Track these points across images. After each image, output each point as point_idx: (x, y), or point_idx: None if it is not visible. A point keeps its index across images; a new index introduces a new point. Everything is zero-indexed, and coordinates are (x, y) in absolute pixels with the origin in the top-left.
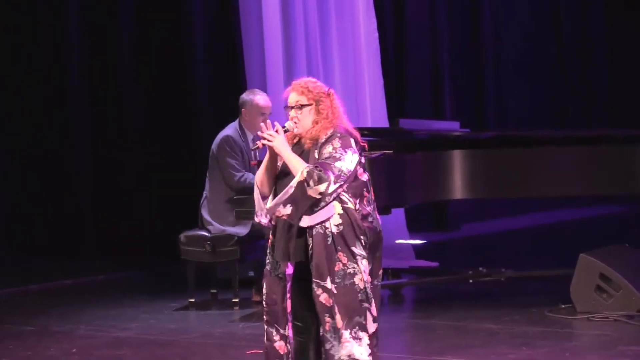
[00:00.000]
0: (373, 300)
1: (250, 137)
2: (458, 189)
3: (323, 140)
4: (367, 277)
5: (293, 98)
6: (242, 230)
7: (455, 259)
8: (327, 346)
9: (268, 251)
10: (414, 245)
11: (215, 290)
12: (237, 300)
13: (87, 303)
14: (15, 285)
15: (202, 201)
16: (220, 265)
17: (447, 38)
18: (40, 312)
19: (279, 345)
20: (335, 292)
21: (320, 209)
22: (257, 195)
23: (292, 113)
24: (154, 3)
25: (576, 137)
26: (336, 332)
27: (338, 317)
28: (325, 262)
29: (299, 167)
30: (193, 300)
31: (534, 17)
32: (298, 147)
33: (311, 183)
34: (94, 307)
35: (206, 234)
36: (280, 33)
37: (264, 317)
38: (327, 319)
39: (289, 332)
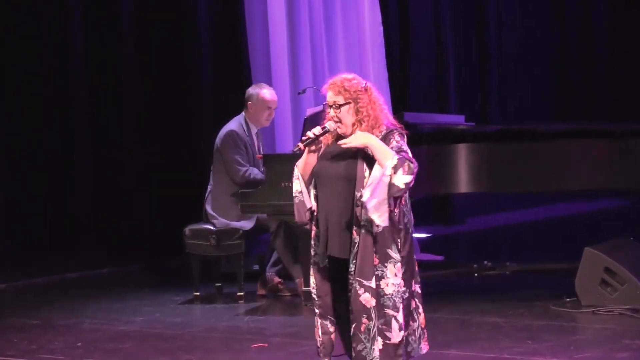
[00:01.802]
0: (402, 307)
1: (254, 131)
2: (463, 182)
3: (380, 139)
4: (398, 281)
5: (331, 97)
6: (246, 224)
7: (460, 252)
8: (359, 347)
9: (313, 242)
10: (419, 239)
11: (220, 284)
12: (242, 294)
13: (91, 297)
14: (19, 279)
15: (206, 195)
16: (225, 259)
17: (451, 32)
18: (44, 305)
19: (335, 336)
20: (376, 292)
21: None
22: (304, 189)
23: (332, 112)
24: (156, 1)
25: (580, 131)
26: (371, 333)
27: (376, 319)
28: (369, 261)
29: (389, 155)
30: (198, 293)
31: (537, 11)
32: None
33: (399, 172)
34: (98, 301)
35: (211, 227)
36: (285, 27)
37: (316, 310)
38: (365, 319)
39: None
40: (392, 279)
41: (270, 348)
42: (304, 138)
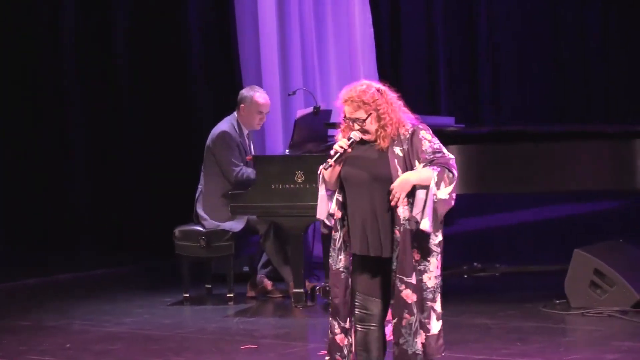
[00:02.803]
0: (439, 297)
1: (245, 132)
2: None
3: (408, 137)
4: (438, 273)
5: (351, 114)
6: (236, 225)
7: (450, 253)
8: (401, 341)
9: (332, 246)
10: None
11: (209, 285)
12: (231, 295)
13: (81, 298)
14: (10, 280)
15: (197, 196)
16: (214, 260)
17: (443, 33)
18: (34, 306)
19: (340, 337)
20: (417, 287)
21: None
22: (323, 192)
23: (356, 126)
24: (150, 3)
25: (571, 133)
26: (413, 328)
27: (417, 313)
28: (410, 258)
29: (429, 175)
30: (187, 295)
31: (530, 11)
32: (372, 149)
33: (442, 186)
34: (88, 302)
35: (201, 228)
36: (275, 28)
37: (330, 310)
38: (406, 315)
39: (349, 324)
40: (435, 272)
41: (260, 350)
42: (332, 153)
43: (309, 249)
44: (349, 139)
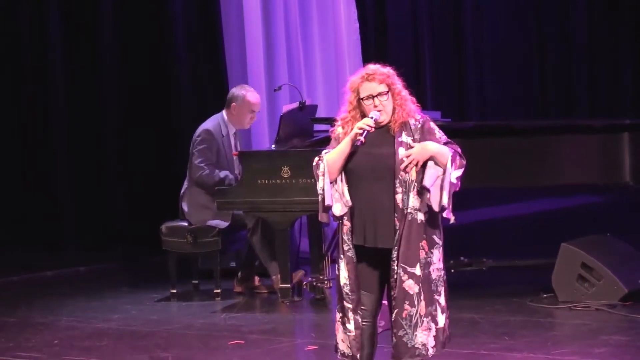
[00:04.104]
0: (443, 290)
1: (232, 130)
2: None
3: (419, 127)
4: (441, 266)
5: (375, 88)
6: (222, 222)
7: None
8: (400, 333)
9: (346, 237)
10: None
11: (196, 281)
12: (218, 291)
13: (68, 294)
14: None
15: (182, 192)
16: (201, 256)
17: (428, 28)
18: (21, 303)
19: (357, 332)
20: (422, 279)
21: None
22: (328, 183)
23: (377, 102)
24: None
25: (556, 126)
26: (413, 320)
27: (422, 304)
28: (415, 248)
29: (446, 152)
30: (175, 291)
31: (515, 6)
32: (383, 134)
33: (452, 167)
34: (75, 298)
35: (187, 225)
36: (260, 23)
37: (348, 305)
38: (407, 306)
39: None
40: (437, 264)
41: (247, 345)
42: (360, 132)
43: (295, 244)
44: (371, 118)
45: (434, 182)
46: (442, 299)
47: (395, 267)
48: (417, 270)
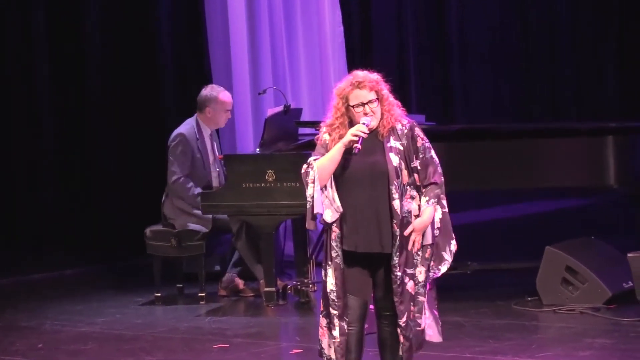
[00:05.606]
0: (425, 292)
1: (207, 132)
2: None
3: (406, 132)
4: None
5: (366, 96)
6: (202, 228)
7: None
8: (411, 335)
9: (334, 244)
10: None
11: (181, 285)
12: (203, 294)
13: (53, 298)
14: None
15: (163, 197)
16: (186, 260)
17: (414, 31)
18: (6, 306)
19: (344, 339)
20: (418, 278)
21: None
22: (318, 190)
23: (367, 109)
24: (121, 3)
25: (542, 129)
26: (419, 318)
27: (424, 300)
28: (411, 250)
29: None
30: (159, 294)
31: (500, 9)
32: (372, 139)
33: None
34: (60, 302)
35: (172, 228)
36: (245, 27)
37: (334, 311)
38: (412, 307)
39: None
40: (423, 267)
41: (232, 349)
42: (355, 139)
43: (280, 248)
44: (364, 124)
45: (432, 235)
46: (425, 301)
47: (399, 273)
48: (415, 271)
